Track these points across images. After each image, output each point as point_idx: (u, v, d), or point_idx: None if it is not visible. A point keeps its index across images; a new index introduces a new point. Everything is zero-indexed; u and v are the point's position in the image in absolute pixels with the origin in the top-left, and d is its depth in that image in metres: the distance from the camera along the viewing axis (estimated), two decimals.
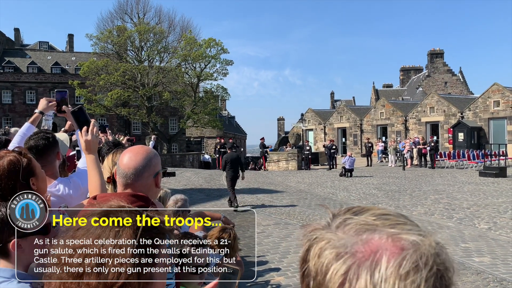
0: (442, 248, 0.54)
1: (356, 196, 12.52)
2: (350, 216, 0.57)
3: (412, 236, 0.53)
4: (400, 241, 0.53)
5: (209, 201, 10.94)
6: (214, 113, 33.91)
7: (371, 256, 0.52)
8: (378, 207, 0.60)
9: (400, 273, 0.50)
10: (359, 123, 38.50)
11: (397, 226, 0.55)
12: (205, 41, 32.53)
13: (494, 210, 9.84)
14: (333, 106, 58.13)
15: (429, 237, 0.54)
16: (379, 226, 0.55)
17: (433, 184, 15.04)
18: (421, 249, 0.52)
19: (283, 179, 17.16)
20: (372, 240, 0.53)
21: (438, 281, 0.51)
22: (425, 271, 0.51)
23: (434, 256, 0.52)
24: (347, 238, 0.54)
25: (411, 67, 59.89)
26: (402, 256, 0.51)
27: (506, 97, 27.21)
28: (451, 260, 0.54)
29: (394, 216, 0.57)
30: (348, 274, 0.52)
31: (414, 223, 0.57)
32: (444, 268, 0.52)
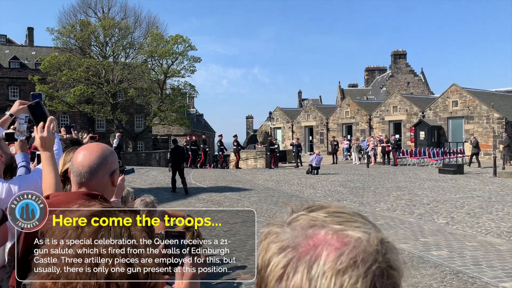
0: (389, 246, 0.54)
1: (322, 193, 12.74)
2: (305, 212, 0.58)
3: (358, 233, 0.53)
4: (345, 238, 0.53)
5: (176, 200, 10.83)
6: (181, 110, 33.52)
7: (312, 251, 0.51)
8: (337, 205, 0.60)
9: (337, 268, 0.50)
10: (326, 121, 39.17)
11: (345, 223, 0.55)
12: (172, 37, 32.08)
13: (451, 206, 10.29)
14: (301, 105, 58.81)
15: (375, 234, 0.54)
16: (328, 222, 0.55)
17: (396, 181, 15.54)
18: (363, 245, 0.52)
19: (251, 177, 17.21)
20: (317, 235, 0.53)
21: (379, 279, 0.50)
22: (363, 267, 0.50)
23: (376, 253, 0.51)
24: (293, 233, 0.55)
25: (376, 67, 61.51)
26: (341, 252, 0.51)
27: (464, 97, 28.47)
28: (398, 260, 0.54)
29: (347, 214, 0.57)
30: (287, 268, 0.52)
31: (366, 221, 0.57)
32: (387, 267, 0.52)
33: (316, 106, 43.78)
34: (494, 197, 11.49)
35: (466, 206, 10.26)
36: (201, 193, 12.22)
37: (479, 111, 27.55)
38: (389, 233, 7.43)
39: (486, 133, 26.99)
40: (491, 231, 7.86)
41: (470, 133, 27.91)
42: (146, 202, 3.47)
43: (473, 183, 14.74)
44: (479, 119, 27.48)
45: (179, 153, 12.57)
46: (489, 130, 26.92)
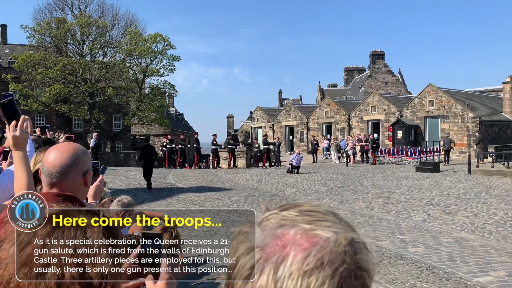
0: (360, 247, 0.53)
1: (302, 192, 12.82)
2: (277, 212, 0.57)
3: (327, 233, 0.52)
4: (314, 238, 0.51)
5: (155, 201, 10.71)
6: (161, 110, 33.18)
7: (280, 251, 0.50)
8: (311, 203, 0.59)
9: (304, 269, 0.49)
10: (306, 121, 39.47)
11: (316, 222, 0.53)
12: (151, 36, 31.70)
13: (428, 203, 10.52)
14: (281, 104, 59.05)
15: (345, 235, 0.53)
16: (298, 222, 0.54)
17: (374, 179, 15.79)
18: (330, 246, 0.50)
19: (232, 177, 17.18)
20: (286, 235, 0.52)
21: (347, 280, 0.49)
22: (330, 268, 0.49)
23: (344, 254, 0.50)
24: (262, 233, 0.54)
25: (355, 67, 62.32)
26: (309, 252, 0.50)
27: (440, 97, 29.15)
28: (368, 261, 0.53)
29: (319, 213, 0.56)
30: (253, 269, 0.51)
31: (339, 221, 0.55)
32: (356, 268, 0.51)
33: (296, 105, 44.06)
34: (469, 194, 11.80)
35: (442, 203, 10.51)
36: (180, 193, 12.13)
37: (454, 110, 28.25)
38: (365, 231, 7.55)
39: (461, 132, 27.71)
40: (466, 227, 8.07)
41: (446, 132, 28.60)
42: (123, 203, 3.40)
43: (448, 180, 15.10)
44: (455, 118, 28.19)
45: (150, 151, 13.44)
46: (464, 129, 27.64)
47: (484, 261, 5.90)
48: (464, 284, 4.87)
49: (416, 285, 4.83)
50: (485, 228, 7.98)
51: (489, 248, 6.66)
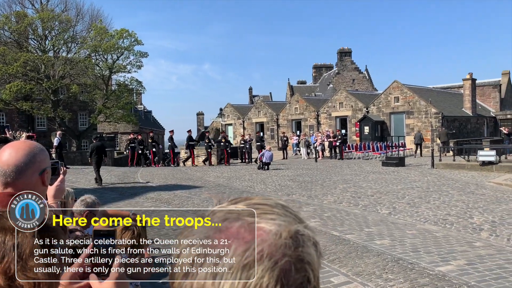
0: (304, 239, 0.52)
1: (272, 188, 12.91)
2: (225, 205, 0.57)
3: (271, 226, 0.51)
4: (257, 231, 0.51)
5: (123, 200, 10.49)
6: (128, 107, 32.47)
7: (221, 245, 0.50)
8: (262, 196, 0.59)
9: (243, 263, 0.48)
10: (276, 118, 39.71)
11: (261, 215, 0.53)
12: (117, 31, 30.93)
13: (394, 196, 10.84)
14: (252, 101, 59.14)
15: (288, 227, 0.52)
16: (243, 215, 0.53)
17: (342, 174, 16.10)
18: (272, 239, 0.50)
19: (202, 174, 17.07)
20: (230, 229, 0.52)
21: (287, 273, 0.49)
22: (269, 262, 0.48)
23: (285, 247, 0.50)
24: (206, 227, 0.53)
25: (323, 64, 63.18)
26: (249, 246, 0.49)
27: (405, 93, 30.03)
28: (311, 253, 0.52)
29: (268, 205, 0.55)
30: (193, 263, 0.50)
31: (286, 213, 0.55)
32: (298, 260, 0.50)
33: (266, 102, 44.24)
34: (432, 187, 12.25)
35: (406, 196, 10.85)
36: (149, 192, 11.94)
37: (418, 106, 29.19)
38: (333, 225, 7.69)
39: (425, 127, 28.67)
40: (429, 219, 8.37)
41: (411, 127, 29.51)
42: (87, 202, 3.32)
43: (413, 174, 15.61)
44: (419, 114, 29.13)
45: (102, 148, 14.30)
46: (427, 124, 28.62)
47: (445, 251, 6.15)
48: (427, 274, 5.05)
49: (381, 276, 4.97)
50: (447, 219, 8.31)
51: (450, 238, 6.94)
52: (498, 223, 7.94)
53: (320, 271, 0.56)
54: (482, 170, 16.25)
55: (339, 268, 5.29)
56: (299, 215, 0.57)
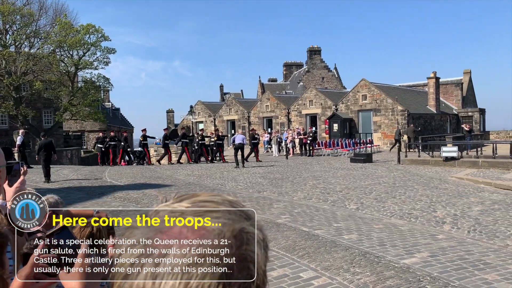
0: (248, 237, 0.52)
1: (243, 185, 12.93)
2: (169, 204, 0.55)
3: (215, 225, 0.51)
4: (200, 230, 0.50)
5: (90, 200, 10.22)
6: (95, 104, 31.64)
7: (163, 246, 0.49)
8: (210, 193, 0.58)
9: (185, 263, 0.47)
10: (247, 115, 39.76)
11: (206, 214, 0.52)
12: (83, 27, 30.04)
13: (361, 192, 11.09)
14: (223, 98, 58.92)
15: (233, 226, 0.51)
16: (187, 214, 0.52)
17: (312, 171, 16.32)
18: (215, 238, 0.49)
19: (172, 173, 16.87)
20: (172, 229, 0.51)
21: (230, 273, 0.49)
22: (211, 262, 0.48)
23: (228, 246, 0.50)
24: (148, 227, 0.52)
25: (293, 62, 63.71)
26: (191, 246, 0.48)
27: (372, 91, 30.74)
28: (256, 251, 0.52)
29: (214, 203, 0.55)
30: (134, 265, 0.49)
31: (233, 210, 0.54)
32: (242, 259, 0.50)
33: (237, 100, 44.20)
34: (398, 183, 12.61)
35: (374, 192, 11.13)
36: (117, 191, 11.70)
37: (385, 104, 29.95)
38: (303, 221, 7.79)
39: (392, 124, 29.47)
40: (395, 213, 8.63)
41: (378, 124, 30.25)
42: (49, 202, 3.20)
43: (380, 170, 16.02)
44: (385, 112, 29.90)
45: (50, 145, 14.42)
46: (394, 122, 29.42)
47: (410, 244, 6.35)
48: (392, 266, 5.21)
49: (349, 270, 5.09)
50: (412, 213, 8.59)
51: (415, 231, 7.18)
52: (459, 216, 8.28)
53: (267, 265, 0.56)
54: (445, 165, 16.88)
55: (308, 263, 5.37)
56: (249, 211, 0.57)
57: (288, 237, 6.54)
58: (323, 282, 4.74)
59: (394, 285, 4.55)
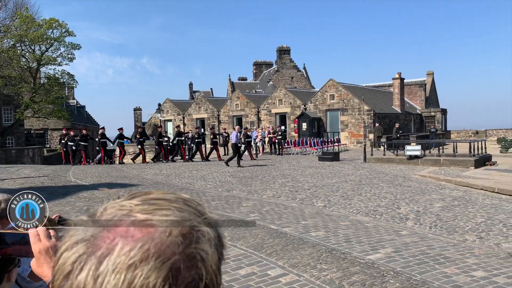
0: (199, 236, 0.51)
1: (212, 184, 12.85)
2: (121, 201, 0.54)
3: (164, 223, 0.50)
4: (148, 228, 0.49)
5: (53, 200, 9.86)
6: (58, 102, 30.59)
7: (107, 244, 0.47)
8: (164, 191, 0.57)
9: (128, 262, 0.46)
10: (217, 114, 39.56)
11: (155, 211, 0.51)
12: (45, 21, 28.95)
13: (329, 190, 11.28)
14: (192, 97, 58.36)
15: (184, 223, 0.51)
16: (135, 211, 0.51)
17: (281, 169, 16.45)
18: (161, 236, 0.48)
19: (139, 172, 16.56)
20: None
21: (177, 272, 0.47)
22: (156, 261, 0.46)
23: (175, 245, 0.48)
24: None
25: (263, 62, 63.93)
26: (136, 244, 0.47)
27: (340, 91, 31.30)
28: (206, 250, 0.51)
29: (166, 200, 0.53)
30: (75, 263, 0.47)
31: (186, 208, 0.53)
32: (190, 258, 0.49)
33: (207, 98, 43.90)
34: (364, 181, 12.91)
35: (340, 189, 11.34)
36: (82, 191, 11.36)
37: (352, 104, 30.58)
38: (272, 219, 7.84)
39: (358, 123, 30.12)
40: (361, 210, 8.82)
41: (345, 123, 30.84)
42: None
43: (347, 168, 16.35)
44: (352, 111, 30.52)
45: None
46: (360, 121, 30.08)
47: (375, 240, 6.51)
48: (358, 262, 5.32)
49: (316, 267, 5.16)
50: (377, 210, 8.82)
51: (379, 228, 7.37)
52: (421, 212, 8.57)
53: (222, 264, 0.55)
54: (409, 163, 17.44)
55: (276, 260, 5.41)
56: (204, 209, 0.56)
57: (257, 235, 6.56)
58: (290, 279, 4.78)
59: (359, 281, 4.66)
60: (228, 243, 6.19)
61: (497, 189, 10.96)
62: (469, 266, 5.23)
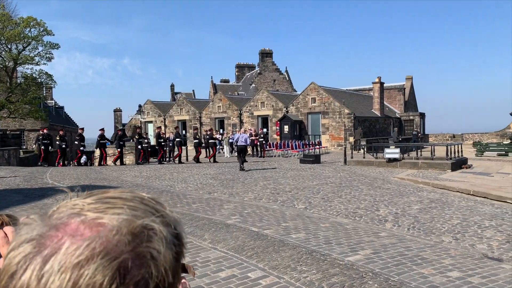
0: (151, 235, 0.50)
1: (193, 186, 12.78)
2: (76, 199, 0.53)
3: (113, 221, 0.49)
4: (97, 227, 0.48)
5: (28, 202, 9.62)
6: (36, 102, 29.91)
7: (55, 243, 0.46)
8: (121, 190, 0.56)
9: (74, 261, 0.45)
10: (199, 115, 39.37)
11: (107, 210, 0.50)
12: (23, 19, 28.28)
13: (309, 192, 11.35)
14: (174, 98, 57.93)
15: (134, 222, 0.50)
16: (86, 210, 0.50)
17: (263, 171, 16.47)
18: (109, 235, 0.48)
19: (118, 174, 16.32)
20: (69, 225, 0.48)
21: (124, 271, 0.46)
22: (102, 260, 0.45)
23: (124, 243, 0.47)
24: (44, 224, 0.49)
25: (245, 64, 64.02)
26: (82, 243, 0.46)
27: (321, 94, 31.60)
28: (158, 249, 0.50)
29: (121, 199, 0.53)
30: (19, 263, 0.46)
31: (141, 208, 0.52)
32: (139, 257, 0.48)
33: (189, 100, 43.64)
34: (344, 183, 13.05)
35: (321, 191, 11.44)
36: (59, 193, 11.11)
37: (333, 107, 30.90)
38: (253, 221, 7.84)
39: (339, 126, 30.45)
40: (341, 212, 8.91)
41: (326, 126, 31.13)
42: None
43: (327, 171, 16.50)
44: (333, 114, 30.85)
45: None
46: (341, 124, 30.42)
47: (354, 241, 6.59)
48: (337, 264, 5.38)
49: (296, 268, 5.18)
50: (357, 212, 8.92)
51: (359, 230, 7.46)
52: (400, 214, 8.72)
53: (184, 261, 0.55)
54: (388, 166, 17.72)
55: (257, 263, 5.41)
56: (163, 208, 0.55)
57: (238, 237, 6.55)
58: (270, 282, 4.79)
59: (338, 282, 4.70)
60: (209, 246, 6.16)
61: (472, 191, 11.25)
62: (445, 267, 5.34)
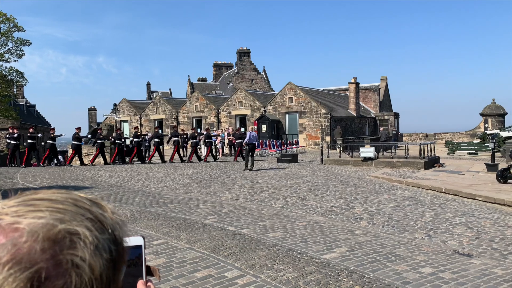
0: (75, 240, 0.47)
1: (170, 186, 12.64)
2: (1, 202, 0.50)
3: (31, 226, 0.46)
4: (13, 232, 0.45)
5: None
6: (5, 100, 28.97)
7: None
8: (52, 191, 0.53)
9: None
10: (175, 115, 38.99)
11: (27, 214, 0.47)
12: None
13: (287, 191, 11.41)
14: (150, 97, 57.17)
15: (57, 227, 0.47)
16: (4, 213, 0.47)
17: (240, 171, 16.46)
18: (22, 240, 0.45)
19: (92, 174, 15.98)
20: None
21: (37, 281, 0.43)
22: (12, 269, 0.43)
23: (42, 250, 0.45)
24: None
25: (223, 63, 63.81)
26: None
27: (298, 94, 31.82)
28: (81, 255, 0.47)
29: (50, 201, 0.50)
30: None
31: (69, 211, 0.49)
32: (58, 265, 0.45)
33: (165, 99, 43.17)
34: (320, 182, 13.19)
35: (298, 190, 11.52)
36: None
37: (310, 107, 31.17)
38: (230, 221, 7.82)
39: (316, 126, 30.75)
40: (317, 211, 9.00)
41: (303, 126, 31.37)
42: None
43: (304, 170, 16.63)
44: (310, 114, 31.12)
45: None
46: (318, 124, 30.72)
47: (330, 239, 6.66)
48: (313, 262, 5.42)
49: (273, 267, 5.19)
50: (333, 210, 9.03)
51: (335, 228, 7.54)
52: (375, 212, 8.87)
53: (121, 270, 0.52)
54: (363, 165, 18.00)
55: (233, 262, 5.39)
56: (104, 210, 0.52)
57: (214, 237, 6.52)
58: (247, 281, 4.78)
59: (314, 280, 4.74)
60: (185, 246, 6.10)
61: (444, 189, 11.56)
62: (418, 263, 5.47)
